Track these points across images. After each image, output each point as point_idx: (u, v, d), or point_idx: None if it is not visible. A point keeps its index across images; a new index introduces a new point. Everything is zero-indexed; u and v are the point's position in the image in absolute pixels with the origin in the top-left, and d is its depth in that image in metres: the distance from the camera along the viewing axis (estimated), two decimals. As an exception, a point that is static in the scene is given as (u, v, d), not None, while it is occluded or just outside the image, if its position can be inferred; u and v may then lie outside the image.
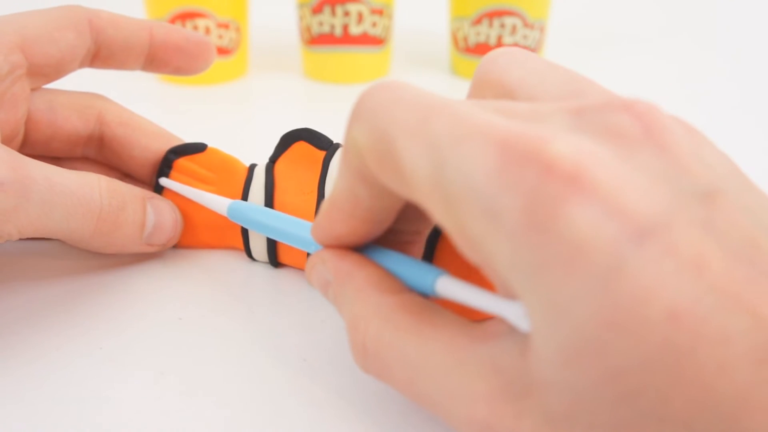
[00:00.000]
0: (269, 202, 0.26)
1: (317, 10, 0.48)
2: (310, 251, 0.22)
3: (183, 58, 0.28)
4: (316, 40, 0.50)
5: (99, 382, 0.21)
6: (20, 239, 0.23)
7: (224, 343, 0.23)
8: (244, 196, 0.27)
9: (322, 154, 0.25)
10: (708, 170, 0.14)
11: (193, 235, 0.28)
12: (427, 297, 0.18)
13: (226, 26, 0.49)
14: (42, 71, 0.25)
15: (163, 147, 0.28)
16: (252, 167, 0.27)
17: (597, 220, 0.12)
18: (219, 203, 0.26)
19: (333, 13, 0.48)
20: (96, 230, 0.24)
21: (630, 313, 0.12)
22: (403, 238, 0.20)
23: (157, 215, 0.26)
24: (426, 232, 0.21)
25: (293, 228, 0.23)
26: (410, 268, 0.18)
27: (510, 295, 0.14)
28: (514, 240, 0.13)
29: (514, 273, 0.13)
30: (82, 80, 0.28)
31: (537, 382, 0.14)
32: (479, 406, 0.15)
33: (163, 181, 0.27)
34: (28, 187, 0.21)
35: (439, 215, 0.15)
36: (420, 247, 0.21)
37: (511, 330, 0.15)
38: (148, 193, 0.26)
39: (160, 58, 0.27)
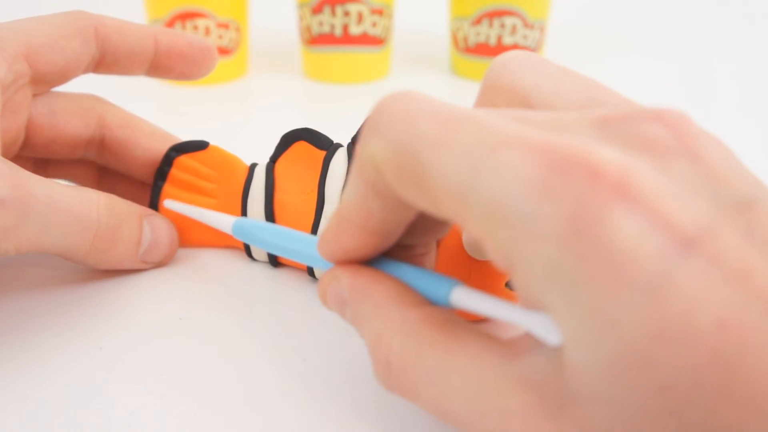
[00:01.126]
0: (269, 201, 0.26)
1: (317, 10, 0.48)
2: (319, 267, 0.21)
3: (186, 64, 0.28)
4: (316, 40, 0.50)
5: (99, 382, 0.21)
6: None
7: (224, 343, 0.23)
8: (245, 195, 0.27)
9: (322, 153, 0.25)
10: (742, 179, 0.14)
11: (193, 234, 0.28)
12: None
13: (226, 26, 0.49)
14: (46, 79, 0.25)
15: (164, 148, 0.28)
16: (252, 167, 0.27)
17: (643, 230, 0.12)
18: (223, 221, 0.25)
19: (333, 13, 0.48)
20: (92, 248, 0.23)
21: (678, 325, 0.12)
22: (416, 251, 0.20)
23: (153, 233, 0.26)
24: (435, 243, 0.20)
25: (301, 245, 0.22)
26: (423, 279, 0.18)
27: (535, 306, 0.14)
28: (555, 250, 0.13)
29: (551, 283, 0.13)
30: (82, 80, 0.28)
31: (575, 397, 0.13)
32: (514, 423, 0.14)
33: (168, 203, 0.27)
34: (28, 205, 0.21)
35: (471, 226, 0.14)
36: (432, 257, 0.21)
37: (540, 344, 0.14)
38: (147, 211, 0.26)
39: (164, 65, 0.27)
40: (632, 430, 0.13)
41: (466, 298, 0.16)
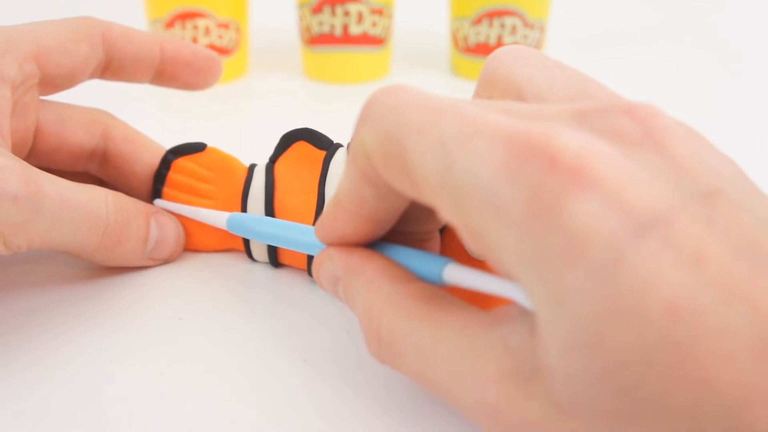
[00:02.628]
0: (269, 201, 0.26)
1: (317, 10, 0.49)
2: (314, 254, 0.22)
3: (191, 73, 0.28)
4: (316, 40, 0.50)
5: (99, 382, 0.21)
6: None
7: (224, 344, 0.23)
8: (245, 196, 0.27)
9: (322, 154, 0.25)
10: (709, 171, 0.15)
11: (194, 238, 0.28)
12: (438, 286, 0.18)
13: (226, 26, 0.49)
14: (54, 81, 0.25)
15: None
16: (252, 167, 0.27)
17: (598, 213, 0.13)
18: (217, 218, 0.26)
19: (333, 13, 0.48)
20: (100, 245, 0.24)
21: (629, 305, 0.12)
22: (419, 237, 0.20)
23: (160, 230, 0.26)
24: (437, 230, 0.21)
25: (296, 233, 0.23)
26: (417, 259, 0.18)
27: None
28: (517, 231, 0.13)
29: (518, 264, 0.14)
30: (87, 82, 0.28)
31: (543, 367, 0.14)
32: (489, 389, 0.15)
33: (158, 202, 0.28)
34: (40, 202, 0.21)
35: (447, 211, 0.15)
36: (435, 243, 0.21)
37: (522, 313, 0.15)
38: (153, 208, 0.26)
39: (169, 73, 0.28)
40: (590, 405, 0.13)
41: (458, 274, 0.17)
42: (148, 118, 0.46)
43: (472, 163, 0.14)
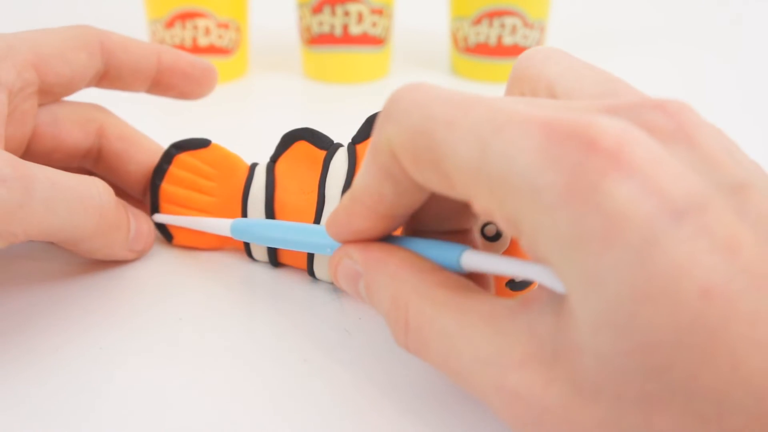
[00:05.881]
0: (270, 201, 0.26)
1: (317, 10, 0.49)
2: (322, 253, 0.22)
3: (188, 84, 0.28)
4: (316, 40, 0.50)
5: (99, 383, 0.21)
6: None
7: (224, 344, 0.23)
8: (245, 195, 0.27)
9: (322, 153, 0.25)
10: (738, 165, 0.15)
11: (194, 236, 0.28)
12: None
13: (226, 26, 0.49)
14: (52, 90, 0.25)
15: None
16: (253, 166, 0.27)
17: (636, 196, 0.13)
18: (220, 226, 0.26)
19: (333, 13, 0.48)
20: (98, 228, 0.24)
21: (663, 287, 0.12)
22: (455, 238, 0.20)
23: (136, 221, 0.26)
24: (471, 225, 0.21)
25: (303, 235, 0.22)
26: (433, 248, 0.18)
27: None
28: (555, 213, 0.13)
29: (553, 247, 0.14)
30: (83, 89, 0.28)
31: (568, 347, 0.14)
32: (510, 374, 0.15)
33: (157, 217, 0.28)
34: (30, 184, 0.21)
35: (482, 200, 0.15)
36: (472, 240, 0.21)
37: (548, 296, 0.15)
38: (124, 202, 0.26)
39: (165, 83, 0.28)
40: (616, 388, 0.13)
41: (476, 259, 0.17)
42: (150, 117, 0.46)
43: (508, 149, 0.14)
